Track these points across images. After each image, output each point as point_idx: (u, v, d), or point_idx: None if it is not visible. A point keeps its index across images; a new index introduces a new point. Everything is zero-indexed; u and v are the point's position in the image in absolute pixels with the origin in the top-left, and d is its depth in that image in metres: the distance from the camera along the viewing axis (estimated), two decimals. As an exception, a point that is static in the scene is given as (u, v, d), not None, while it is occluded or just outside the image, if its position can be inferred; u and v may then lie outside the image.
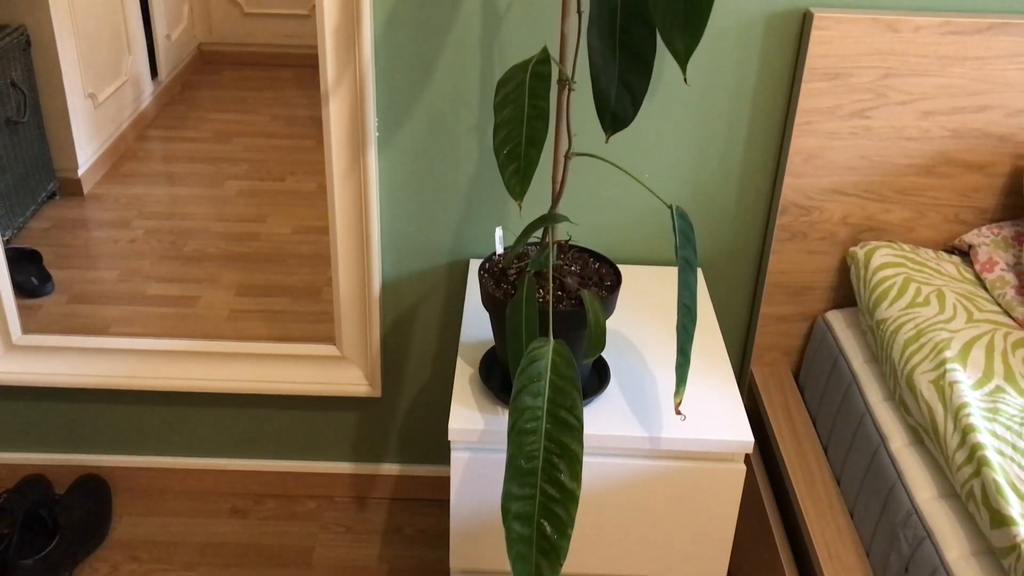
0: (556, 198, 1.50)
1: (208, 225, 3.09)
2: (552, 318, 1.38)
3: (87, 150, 3.27)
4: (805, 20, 1.72)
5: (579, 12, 1.40)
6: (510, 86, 1.28)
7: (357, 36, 1.75)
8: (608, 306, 1.52)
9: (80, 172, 3.22)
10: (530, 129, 1.24)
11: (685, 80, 1.11)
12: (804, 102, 1.75)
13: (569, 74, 1.43)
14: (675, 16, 1.07)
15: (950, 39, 1.69)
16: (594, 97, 1.30)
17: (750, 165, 1.86)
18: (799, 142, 1.78)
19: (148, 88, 3.82)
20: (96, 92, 3.32)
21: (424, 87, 1.82)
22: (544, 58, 1.29)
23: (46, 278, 2.72)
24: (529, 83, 1.27)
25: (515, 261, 1.57)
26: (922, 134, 1.77)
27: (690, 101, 1.81)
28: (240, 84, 4.24)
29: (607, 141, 1.35)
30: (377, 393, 2.07)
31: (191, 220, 3.12)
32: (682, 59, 1.09)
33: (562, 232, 1.57)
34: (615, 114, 1.28)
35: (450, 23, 1.76)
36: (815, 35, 1.69)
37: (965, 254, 1.84)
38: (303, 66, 4.39)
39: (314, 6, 1.73)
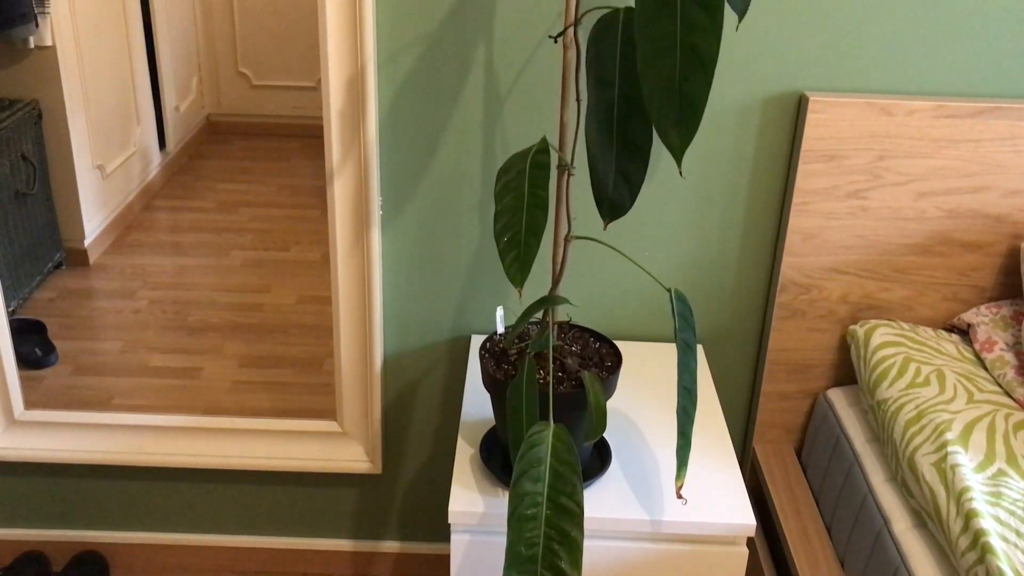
0: (556, 280, 1.52)
1: (212, 295, 3.11)
2: (552, 400, 1.39)
3: (94, 221, 3.31)
4: (800, 104, 1.76)
5: (578, 100, 1.44)
6: (511, 174, 1.31)
7: (362, 118, 1.78)
8: (609, 387, 1.52)
9: (86, 242, 3.25)
10: (530, 217, 1.26)
11: (680, 174, 1.13)
12: (801, 183, 1.78)
13: (569, 160, 1.46)
14: (669, 111, 1.10)
15: (943, 122, 1.72)
16: (592, 186, 1.32)
17: (749, 244, 1.88)
18: (797, 222, 1.80)
19: (156, 159, 3.88)
20: (105, 164, 3.37)
21: (427, 167, 1.85)
22: (543, 147, 1.31)
23: (50, 349, 2.74)
24: (529, 172, 1.29)
25: (516, 341, 1.58)
26: (919, 214, 1.79)
27: (689, 181, 1.83)
28: (247, 154, 4.31)
29: (605, 228, 1.36)
30: (378, 470, 2.07)
31: (195, 290, 3.14)
32: (677, 154, 1.11)
33: (562, 312, 1.58)
34: (613, 202, 1.31)
35: (453, 106, 1.79)
36: (810, 118, 1.73)
37: (964, 333, 1.85)
38: (310, 136, 4.47)
39: (321, 79, 1.77)
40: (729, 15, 1.61)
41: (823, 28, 1.72)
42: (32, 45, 2.95)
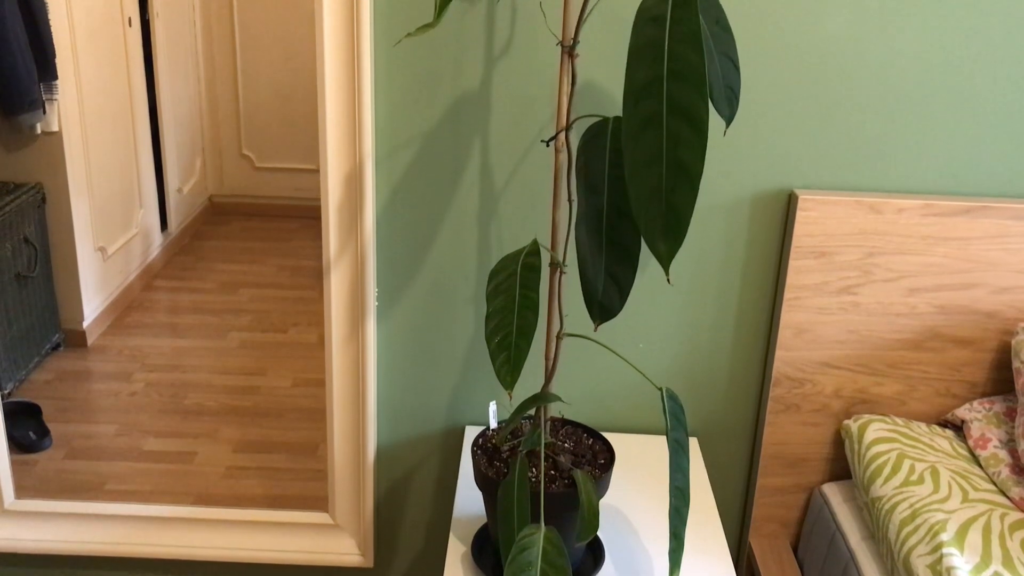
0: (549, 376, 1.53)
1: (209, 378, 3.11)
2: (544, 501, 1.38)
3: (94, 302, 3.33)
4: (790, 201, 1.79)
5: (569, 201, 1.46)
6: (502, 276, 1.33)
7: (360, 212, 1.81)
8: (602, 486, 1.52)
9: (85, 324, 3.27)
10: (520, 319, 1.27)
11: (668, 281, 1.15)
12: (792, 278, 1.79)
13: (561, 258, 1.48)
14: (657, 222, 1.12)
15: (932, 220, 1.75)
16: (582, 289, 1.34)
17: (742, 338, 1.89)
18: (789, 317, 1.82)
19: (157, 240, 3.92)
20: (106, 245, 3.41)
21: (423, 259, 1.87)
22: (534, 250, 1.33)
23: (44, 433, 2.73)
24: (520, 274, 1.31)
25: (509, 437, 1.58)
26: (910, 310, 1.81)
27: (682, 275, 1.85)
28: (248, 235, 4.35)
29: (595, 330, 1.38)
30: (369, 564, 2.04)
31: (192, 372, 3.14)
32: (665, 262, 1.13)
33: (555, 406, 1.59)
34: (603, 305, 1.32)
35: (449, 201, 1.82)
36: (800, 216, 1.75)
37: (958, 428, 1.85)
38: (310, 217, 4.51)
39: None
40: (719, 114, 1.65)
41: (812, 127, 1.75)
42: (39, 131, 3.01)
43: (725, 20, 1.40)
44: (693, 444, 1.92)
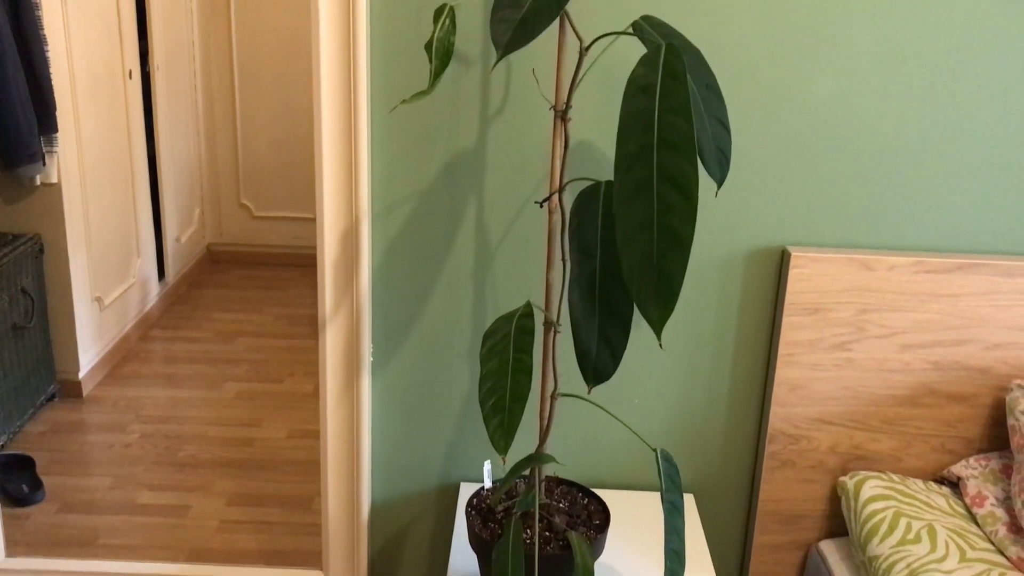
0: (543, 436, 1.53)
1: (204, 429, 3.10)
2: (539, 563, 1.37)
3: (90, 352, 3.32)
4: (783, 257, 1.80)
5: (563, 261, 1.47)
6: (496, 337, 1.33)
7: (355, 269, 1.82)
8: (597, 547, 1.51)
9: (81, 374, 3.26)
10: (514, 383, 1.27)
11: (661, 346, 1.16)
12: (786, 335, 1.80)
13: (555, 318, 1.48)
14: (648, 287, 1.13)
15: (924, 277, 1.76)
16: (576, 352, 1.34)
17: (737, 394, 1.89)
18: (783, 373, 1.82)
19: (155, 289, 3.92)
20: (103, 296, 3.41)
21: (418, 315, 1.88)
22: (528, 311, 1.34)
23: (37, 485, 2.71)
24: (514, 336, 1.31)
25: (503, 498, 1.58)
26: (904, 366, 1.81)
27: (676, 332, 1.86)
28: (246, 283, 4.36)
29: (589, 392, 1.38)
30: (364, 622, 2.02)
31: (187, 424, 3.13)
32: (656, 327, 1.14)
33: (550, 466, 1.58)
34: (596, 368, 1.32)
35: (444, 258, 1.84)
36: (793, 272, 1.76)
37: (955, 485, 1.84)
38: (308, 265, 4.53)
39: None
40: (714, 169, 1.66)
41: (804, 185, 1.77)
42: (38, 182, 3.03)
43: (715, 84, 1.42)
44: (689, 500, 1.91)
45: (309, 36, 1.59)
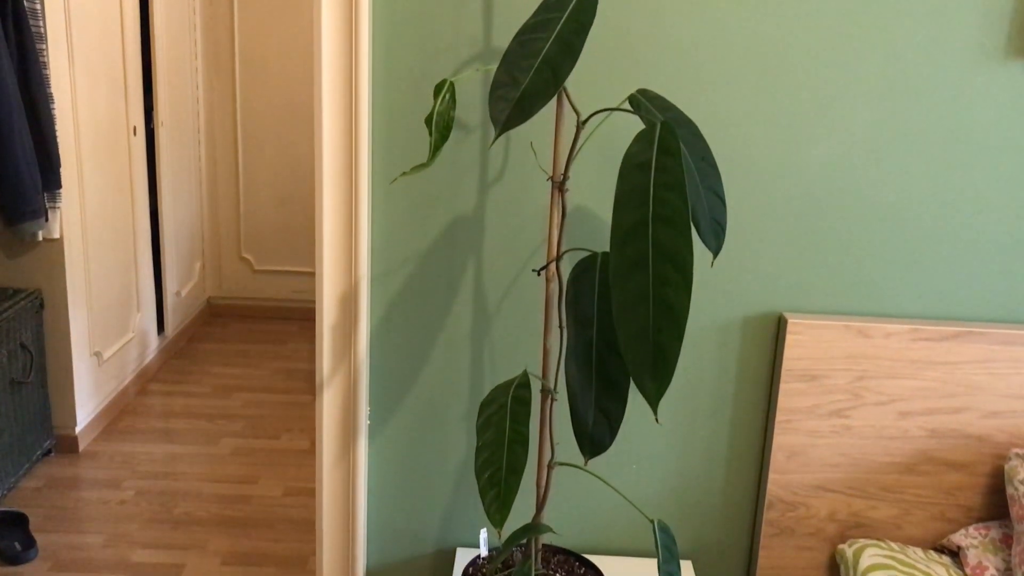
0: (540, 504, 1.52)
1: (200, 486, 3.08)
2: (533, 636, 1.36)
3: (87, 407, 3.32)
4: (780, 324, 1.81)
5: (560, 328, 1.48)
6: (492, 408, 1.33)
7: (354, 331, 1.83)
8: (592, 617, 1.50)
9: (78, 429, 3.25)
10: (511, 454, 1.27)
11: (657, 421, 1.16)
12: (783, 401, 1.80)
13: (552, 386, 1.49)
14: (645, 361, 1.13)
15: (920, 345, 1.77)
16: (572, 423, 1.35)
17: (735, 460, 1.89)
18: (781, 439, 1.82)
19: (154, 343, 3.93)
20: (102, 350, 3.41)
21: (416, 378, 1.88)
22: (524, 381, 1.34)
23: (30, 543, 2.69)
24: (511, 407, 1.32)
25: (500, 568, 1.56)
26: (901, 433, 1.81)
27: (674, 397, 1.86)
28: (245, 337, 4.36)
29: (586, 464, 1.38)
30: None
31: (183, 480, 3.11)
32: (653, 401, 1.14)
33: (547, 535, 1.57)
34: (593, 440, 1.32)
35: (442, 321, 1.84)
36: (790, 339, 1.77)
37: (955, 554, 1.83)
38: (307, 319, 4.54)
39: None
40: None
41: (799, 252, 1.79)
42: (40, 238, 3.05)
43: (711, 157, 1.44)
44: (687, 567, 1.90)
45: (312, 95, 1.62)
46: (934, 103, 1.72)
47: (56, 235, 3.05)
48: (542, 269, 1.48)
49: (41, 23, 2.87)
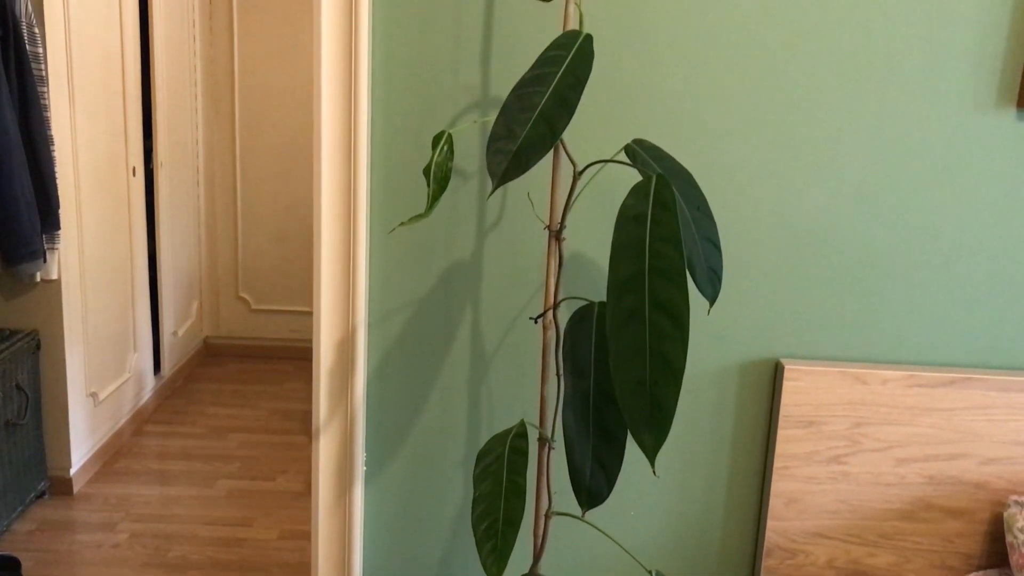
0: (538, 555, 1.51)
1: (195, 529, 3.06)
2: None
3: (82, 448, 3.30)
4: (777, 370, 1.81)
5: (558, 376, 1.48)
6: (489, 459, 1.33)
7: (351, 377, 1.83)
8: (590, 669, 1.48)
9: (72, 471, 3.23)
10: (508, 505, 1.27)
11: (654, 472, 1.16)
12: (781, 447, 1.80)
13: (549, 434, 1.48)
14: (642, 414, 1.13)
15: (917, 391, 1.77)
16: (569, 475, 1.34)
17: (733, 507, 1.88)
18: (779, 486, 1.81)
19: (150, 383, 3.92)
20: (98, 391, 3.40)
21: (413, 423, 1.88)
22: (522, 431, 1.34)
23: (22, 588, 2.66)
24: (508, 457, 1.31)
25: (495, 617, 1.55)
26: (899, 480, 1.80)
27: (671, 445, 1.85)
28: (242, 377, 4.35)
29: (583, 516, 1.37)
30: None
31: (178, 523, 3.09)
32: (650, 454, 1.14)
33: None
34: (590, 491, 1.32)
35: (439, 365, 1.84)
36: (787, 385, 1.77)
37: (955, 602, 1.82)
38: (304, 358, 4.53)
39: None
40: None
41: (796, 299, 1.79)
42: (38, 279, 3.05)
43: (706, 206, 1.45)
44: (685, 616, 1.88)
45: (311, 137, 1.63)
46: (927, 150, 1.73)
47: (54, 276, 3.05)
48: (539, 317, 1.49)
49: (43, 67, 2.90)
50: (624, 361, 1.15)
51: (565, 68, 1.21)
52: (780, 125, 1.72)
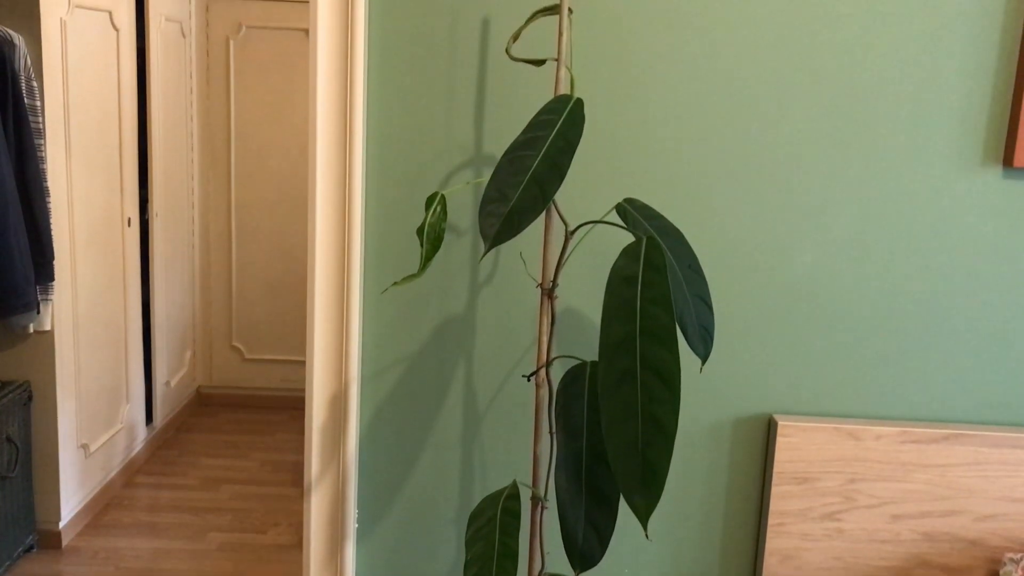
0: (530, 615, 1.50)
1: (184, 584, 3.02)
2: None
3: (72, 501, 3.27)
4: (770, 426, 1.81)
5: (551, 434, 1.48)
6: (482, 520, 1.32)
7: (343, 433, 1.82)
8: None
9: (61, 524, 3.19)
10: (500, 570, 1.26)
11: (647, 536, 1.15)
12: (776, 504, 1.79)
13: (542, 494, 1.48)
14: (633, 476, 1.13)
15: (910, 447, 1.77)
16: (562, 537, 1.33)
17: (727, 564, 1.86)
18: (774, 543, 1.80)
19: (142, 434, 3.89)
20: (89, 442, 3.38)
21: (406, 480, 1.87)
22: (514, 492, 1.34)
23: (8, 647, 2.62)
24: (500, 519, 1.31)
25: None
26: (894, 536, 1.80)
27: (665, 502, 1.85)
28: (234, 427, 4.33)
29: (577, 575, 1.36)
30: None
31: (168, 578, 3.05)
32: (643, 517, 1.13)
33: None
34: (583, 554, 1.31)
35: (432, 423, 1.84)
36: (780, 441, 1.77)
37: (953, 661, 1.80)
38: (296, 408, 4.52)
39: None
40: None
41: (789, 355, 1.80)
42: (31, 330, 3.05)
43: (697, 264, 1.46)
44: (681, 676, 1.86)
45: (305, 188, 1.64)
46: (915, 208, 1.75)
47: (47, 327, 3.05)
48: (532, 375, 1.49)
49: (40, 119, 2.92)
50: (616, 423, 1.15)
51: (556, 132, 1.23)
52: (770, 184, 1.74)
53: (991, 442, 1.76)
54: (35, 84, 2.90)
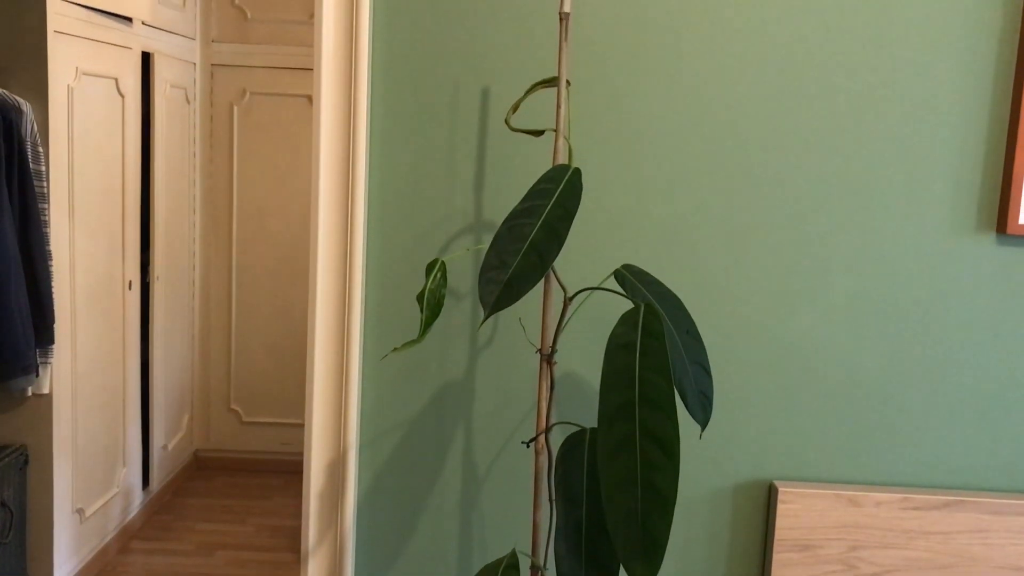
0: None
1: (177, 653, 2.96)
2: None
3: (65, 568, 3.22)
4: (771, 492, 1.80)
5: (550, 501, 1.47)
6: (480, 589, 1.31)
7: (341, 499, 1.81)
8: None
9: (54, 591, 3.15)
10: (498, 640, 1.24)
11: (647, 607, 1.14)
12: (777, 572, 1.77)
13: (542, 563, 1.47)
14: (633, 545, 1.12)
15: (911, 514, 1.75)
16: (562, 606, 1.32)
17: (729, 633, 1.84)
18: (776, 612, 1.77)
19: (138, 498, 3.85)
20: (85, 507, 3.34)
21: (403, 548, 1.85)
22: (513, 562, 1.33)
23: None
24: (499, 588, 1.29)
25: None
26: (898, 606, 1.77)
27: (666, 569, 1.82)
28: (231, 491, 4.29)
29: (576, 648, 1.34)
30: None
31: (160, 647, 3.00)
32: (643, 587, 1.12)
33: None
34: (583, 624, 1.30)
35: (430, 490, 1.83)
36: (781, 508, 1.76)
37: None
38: (294, 472, 4.48)
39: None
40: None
41: (788, 420, 1.80)
42: (29, 393, 3.04)
43: (695, 330, 1.47)
44: None
45: (307, 252, 1.65)
46: (910, 274, 1.77)
47: (45, 390, 3.04)
48: (531, 441, 1.49)
49: (45, 184, 2.95)
50: (615, 491, 1.15)
51: (555, 201, 1.24)
52: (767, 249, 1.76)
53: (994, 509, 1.75)
54: (41, 149, 2.94)
